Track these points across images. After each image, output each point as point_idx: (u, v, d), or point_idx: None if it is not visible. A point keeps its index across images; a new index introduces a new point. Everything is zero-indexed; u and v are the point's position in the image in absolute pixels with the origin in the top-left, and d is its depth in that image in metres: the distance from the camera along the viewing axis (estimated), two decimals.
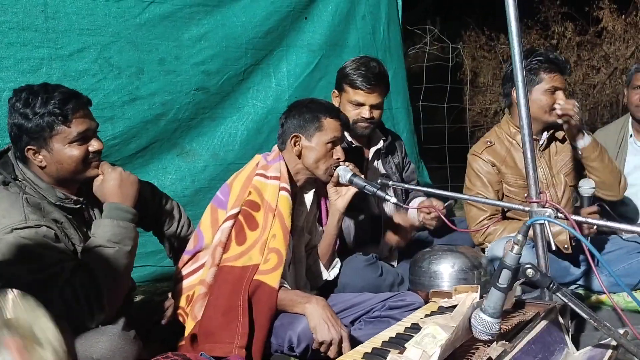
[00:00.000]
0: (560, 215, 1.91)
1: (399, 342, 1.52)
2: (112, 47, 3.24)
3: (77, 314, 1.85)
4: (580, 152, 2.84)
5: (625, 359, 1.71)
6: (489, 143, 3.00)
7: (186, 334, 2.20)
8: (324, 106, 2.42)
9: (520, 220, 2.92)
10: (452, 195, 2.70)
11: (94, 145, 2.08)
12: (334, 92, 2.90)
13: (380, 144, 2.97)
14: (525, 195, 2.88)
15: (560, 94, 2.85)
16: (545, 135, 2.97)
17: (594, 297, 2.79)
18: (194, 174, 3.59)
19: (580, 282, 2.87)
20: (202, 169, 3.61)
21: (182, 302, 2.29)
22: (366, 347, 1.52)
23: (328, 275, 2.52)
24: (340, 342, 2.00)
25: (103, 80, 3.23)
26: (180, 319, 2.27)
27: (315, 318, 2.03)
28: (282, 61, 3.91)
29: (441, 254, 2.63)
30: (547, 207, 1.94)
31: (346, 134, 2.71)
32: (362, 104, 2.78)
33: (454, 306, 1.76)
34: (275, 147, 2.46)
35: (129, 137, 3.34)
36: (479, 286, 1.77)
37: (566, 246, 2.73)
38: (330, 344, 2.00)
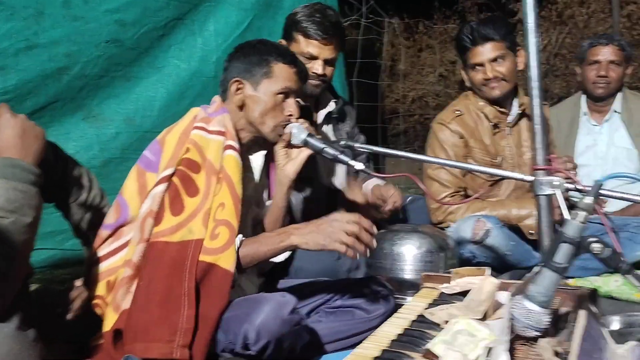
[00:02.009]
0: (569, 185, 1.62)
1: (412, 340, 1.16)
2: None
3: None
4: None
5: None
6: (458, 112, 2.70)
7: (105, 328, 1.71)
8: (276, 48, 1.99)
9: (482, 200, 2.65)
10: (426, 159, 2.37)
11: None
12: (280, 41, 2.47)
13: (332, 106, 2.59)
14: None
15: (486, 67, 2.61)
16: (515, 109, 2.72)
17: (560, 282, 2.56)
18: (103, 142, 3.06)
19: None
20: (113, 136, 3.09)
21: (101, 290, 1.80)
22: (370, 348, 1.14)
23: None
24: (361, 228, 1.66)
25: None
26: (98, 310, 1.79)
27: (311, 238, 1.69)
28: (209, 18, 3.44)
29: (404, 234, 2.32)
30: (557, 176, 1.64)
31: None
32: (315, 57, 2.39)
33: (460, 293, 1.42)
34: (217, 98, 2.00)
35: (23, 92, 2.76)
36: (488, 268, 1.44)
37: (532, 232, 2.50)
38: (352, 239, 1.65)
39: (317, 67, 2.39)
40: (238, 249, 1.74)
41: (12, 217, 1.44)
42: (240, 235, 1.78)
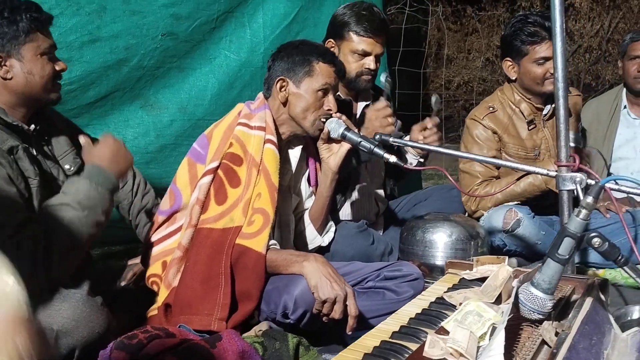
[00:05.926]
0: (590, 181, 1.72)
1: (429, 319, 1.31)
2: None
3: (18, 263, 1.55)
4: None
5: None
6: (491, 109, 2.80)
7: (159, 303, 1.93)
8: (317, 49, 2.16)
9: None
10: (456, 154, 2.49)
11: (60, 65, 1.83)
12: (329, 41, 2.60)
13: (370, 99, 2.72)
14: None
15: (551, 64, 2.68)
16: (549, 106, 2.80)
17: (590, 271, 2.65)
18: (159, 129, 3.28)
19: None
20: (168, 123, 3.30)
21: (157, 269, 2.02)
22: (390, 323, 1.29)
23: (322, 240, 2.27)
24: (345, 299, 1.80)
25: (60, 17, 2.85)
26: (155, 287, 2.01)
27: (316, 275, 1.81)
28: (257, 10, 3.60)
29: (437, 222, 2.44)
30: (578, 173, 1.74)
31: None
32: (368, 54, 2.52)
33: (479, 279, 1.56)
34: (260, 95, 2.19)
35: (87, 83, 2.99)
36: (507, 257, 1.57)
37: None
38: (334, 302, 1.79)
39: (369, 63, 2.52)
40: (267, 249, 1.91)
41: (85, 212, 1.66)
42: (274, 242, 1.98)
